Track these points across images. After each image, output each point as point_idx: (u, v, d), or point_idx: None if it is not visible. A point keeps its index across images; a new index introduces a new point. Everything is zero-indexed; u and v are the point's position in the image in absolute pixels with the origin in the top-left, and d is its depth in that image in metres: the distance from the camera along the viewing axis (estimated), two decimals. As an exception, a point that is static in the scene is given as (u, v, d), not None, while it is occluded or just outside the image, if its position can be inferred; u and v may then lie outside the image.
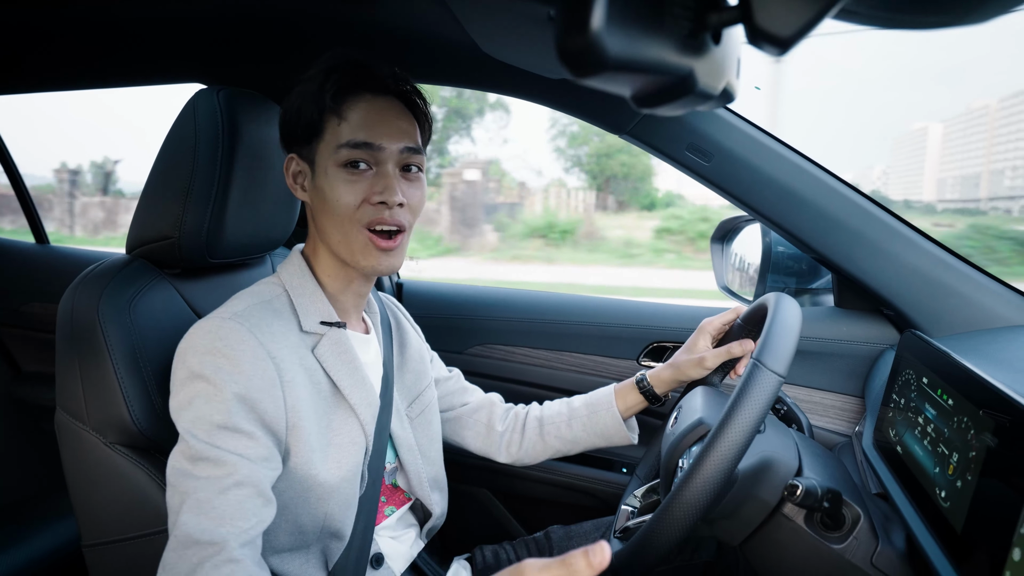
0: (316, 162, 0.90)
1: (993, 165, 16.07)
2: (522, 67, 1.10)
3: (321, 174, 0.89)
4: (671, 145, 1.21)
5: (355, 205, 0.88)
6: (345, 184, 0.88)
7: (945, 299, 1.15)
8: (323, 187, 0.89)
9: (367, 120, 0.88)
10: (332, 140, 0.88)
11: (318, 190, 0.90)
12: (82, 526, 0.96)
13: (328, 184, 0.88)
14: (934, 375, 0.87)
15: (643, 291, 9.30)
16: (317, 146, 0.89)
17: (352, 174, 0.88)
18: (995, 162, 19.24)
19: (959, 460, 0.74)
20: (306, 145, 0.90)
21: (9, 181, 1.96)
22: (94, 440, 0.92)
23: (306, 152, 0.91)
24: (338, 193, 0.88)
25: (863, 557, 0.80)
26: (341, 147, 0.87)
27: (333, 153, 0.88)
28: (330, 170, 0.88)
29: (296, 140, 0.91)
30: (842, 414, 1.29)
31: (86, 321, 0.91)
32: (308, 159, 0.91)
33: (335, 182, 0.88)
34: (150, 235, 0.99)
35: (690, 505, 0.74)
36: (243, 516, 0.76)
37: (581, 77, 0.39)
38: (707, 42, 0.45)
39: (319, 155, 0.90)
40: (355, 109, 0.89)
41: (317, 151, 0.90)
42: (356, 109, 0.89)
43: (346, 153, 0.87)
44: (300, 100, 0.89)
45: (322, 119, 0.88)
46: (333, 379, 0.91)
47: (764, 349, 0.79)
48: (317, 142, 0.89)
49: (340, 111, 0.88)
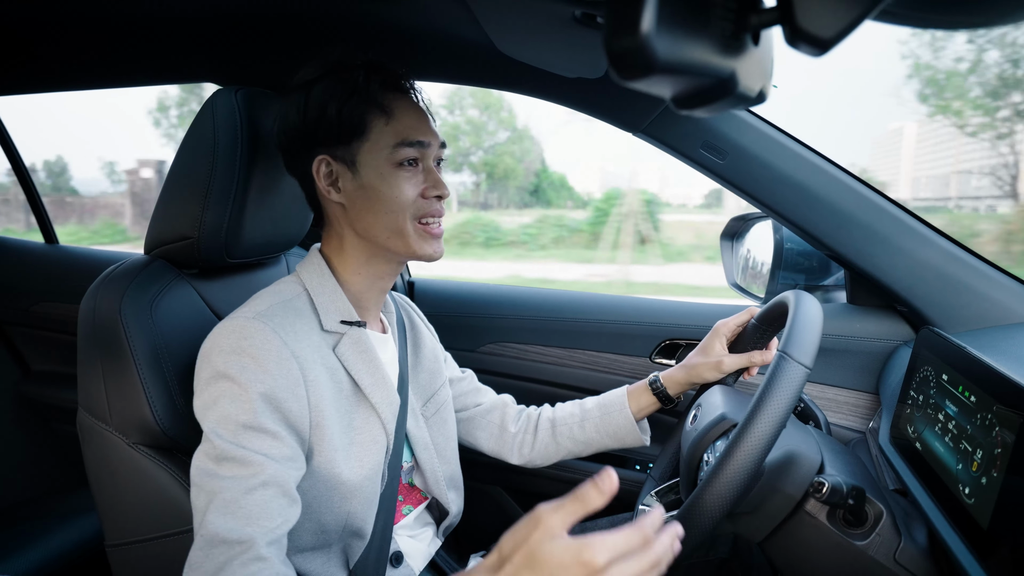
0: (360, 161, 0.90)
1: (961, 165, 16.13)
2: (539, 66, 1.10)
3: (372, 173, 0.90)
4: (686, 143, 1.21)
5: (412, 200, 0.91)
6: (403, 182, 0.90)
7: (959, 295, 1.15)
8: (376, 186, 0.90)
9: (414, 118, 0.91)
10: (382, 139, 0.89)
11: (366, 189, 0.90)
12: (106, 526, 0.97)
13: (385, 183, 0.90)
14: (954, 372, 0.88)
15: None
16: (360, 146, 0.89)
17: (409, 171, 0.91)
18: (963, 162, 19.39)
19: (983, 456, 0.75)
20: (343, 145, 0.90)
21: (19, 182, 1.96)
22: (117, 440, 0.92)
23: (342, 152, 0.90)
24: (398, 190, 0.90)
25: (886, 554, 0.81)
26: (398, 146, 0.89)
27: (389, 152, 0.89)
28: (385, 169, 0.89)
29: (327, 141, 0.90)
30: (856, 410, 1.29)
31: (108, 322, 0.91)
32: (346, 159, 0.90)
33: (393, 180, 0.90)
34: (169, 235, 0.99)
35: (720, 496, 0.74)
36: (269, 516, 0.76)
37: (629, 80, 0.40)
38: (747, 43, 0.46)
39: (365, 154, 0.90)
40: (399, 107, 0.90)
41: (360, 150, 0.90)
42: (400, 107, 0.90)
43: (403, 152, 0.89)
44: (330, 98, 0.88)
45: (366, 118, 0.89)
46: (354, 378, 0.92)
47: (790, 341, 0.79)
48: (360, 142, 0.89)
49: (388, 109, 0.89)
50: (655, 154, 28.16)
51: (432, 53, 1.22)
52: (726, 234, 1.67)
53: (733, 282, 1.65)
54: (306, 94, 0.90)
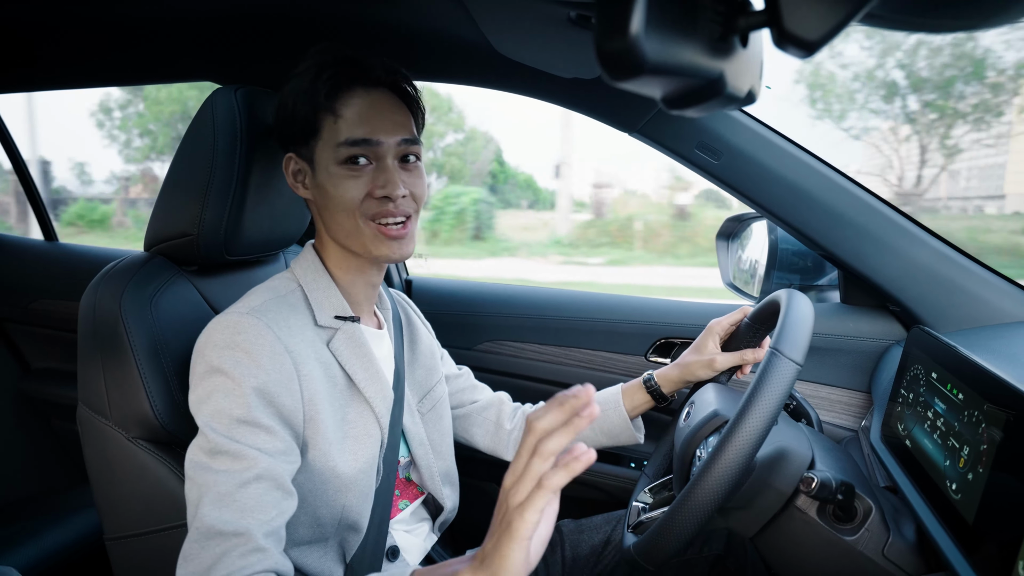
0: (315, 160, 0.91)
1: (951, 166, 16.36)
2: (535, 66, 1.11)
3: (322, 172, 0.90)
4: (681, 143, 1.22)
5: (359, 200, 0.89)
6: (347, 180, 0.89)
7: (951, 295, 1.16)
8: (325, 185, 0.90)
9: (363, 116, 0.89)
10: (330, 138, 0.89)
11: (320, 188, 0.91)
12: (104, 520, 0.98)
13: (331, 182, 0.89)
14: (943, 370, 0.89)
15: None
16: (315, 145, 0.90)
17: (353, 170, 0.89)
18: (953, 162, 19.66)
19: (970, 453, 0.76)
20: (303, 144, 0.91)
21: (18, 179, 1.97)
22: (116, 435, 0.93)
23: (304, 151, 0.91)
24: (341, 190, 0.89)
25: (875, 549, 0.82)
26: (340, 145, 0.88)
27: (333, 151, 0.89)
28: (331, 168, 0.89)
29: (293, 139, 0.92)
30: (848, 409, 1.30)
31: (109, 318, 0.92)
32: (307, 158, 0.92)
33: (337, 180, 0.89)
34: (169, 232, 1.00)
35: (712, 490, 0.75)
36: (263, 509, 0.77)
37: (619, 80, 0.41)
38: (736, 45, 0.47)
39: (318, 154, 0.90)
40: (350, 105, 0.89)
41: (315, 150, 0.90)
42: (351, 105, 0.89)
43: (345, 151, 0.88)
44: (292, 99, 0.89)
45: (317, 118, 0.89)
46: (348, 372, 0.93)
47: (781, 338, 0.81)
48: (315, 141, 0.90)
49: (335, 109, 0.88)
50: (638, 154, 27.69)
51: (429, 53, 1.23)
52: (722, 234, 1.68)
53: (728, 282, 1.66)
54: (281, 94, 0.92)
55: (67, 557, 1.49)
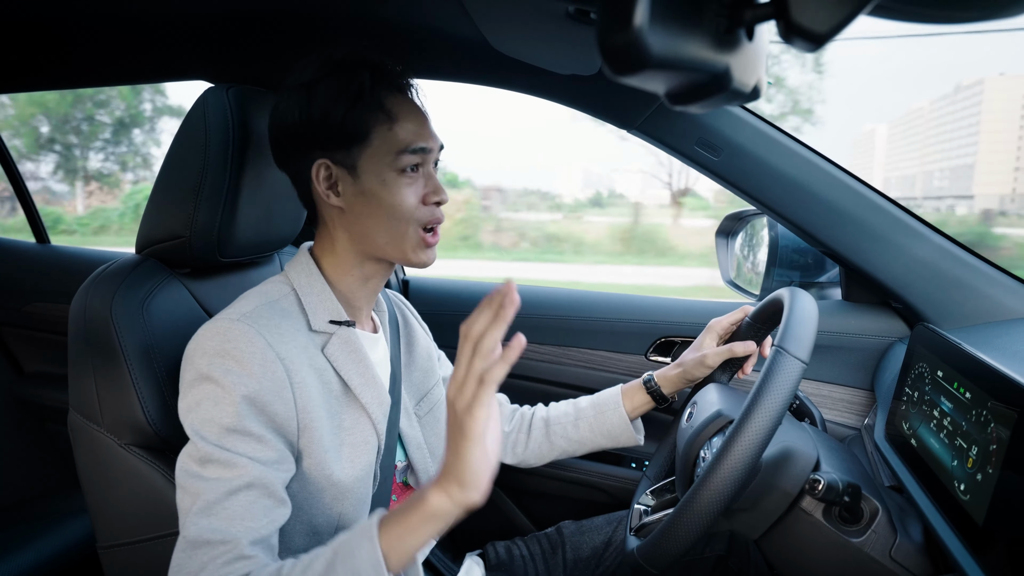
0: (360, 167, 0.87)
1: (926, 167, 16.54)
2: (533, 63, 1.09)
3: (372, 179, 0.87)
4: (681, 140, 1.20)
5: (414, 207, 0.89)
6: (405, 188, 0.88)
7: (954, 291, 1.15)
8: (377, 192, 0.87)
9: (416, 123, 0.89)
10: (385, 145, 0.86)
11: (367, 195, 0.88)
12: (97, 528, 0.96)
13: (387, 190, 0.87)
14: (950, 368, 0.88)
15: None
16: (362, 151, 0.87)
17: (410, 178, 0.89)
18: (927, 163, 19.98)
19: (978, 453, 0.75)
20: (343, 150, 0.87)
21: (8, 181, 1.95)
22: (108, 441, 0.92)
23: (342, 157, 0.87)
24: (400, 198, 0.88)
25: (881, 551, 0.81)
26: (402, 153, 0.87)
27: (392, 158, 0.87)
28: (388, 176, 0.87)
29: (327, 145, 0.87)
30: (851, 407, 1.29)
31: (100, 321, 0.90)
32: (346, 164, 0.87)
33: (396, 187, 0.87)
34: (160, 234, 0.98)
35: (717, 492, 0.74)
36: (253, 517, 0.76)
37: (622, 75, 0.39)
38: (741, 39, 0.45)
39: (365, 160, 0.87)
40: (401, 112, 0.88)
41: (362, 156, 0.87)
42: (402, 112, 0.88)
43: (407, 158, 0.87)
44: (333, 102, 0.85)
45: (367, 123, 0.86)
46: (344, 378, 0.91)
47: (786, 336, 0.79)
48: (361, 147, 0.87)
49: (391, 114, 0.87)
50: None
51: (426, 51, 1.21)
52: (721, 232, 1.66)
53: (728, 280, 1.65)
54: (308, 94, 0.86)
55: (59, 565, 1.47)
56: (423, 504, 0.69)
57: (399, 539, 0.70)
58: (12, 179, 1.94)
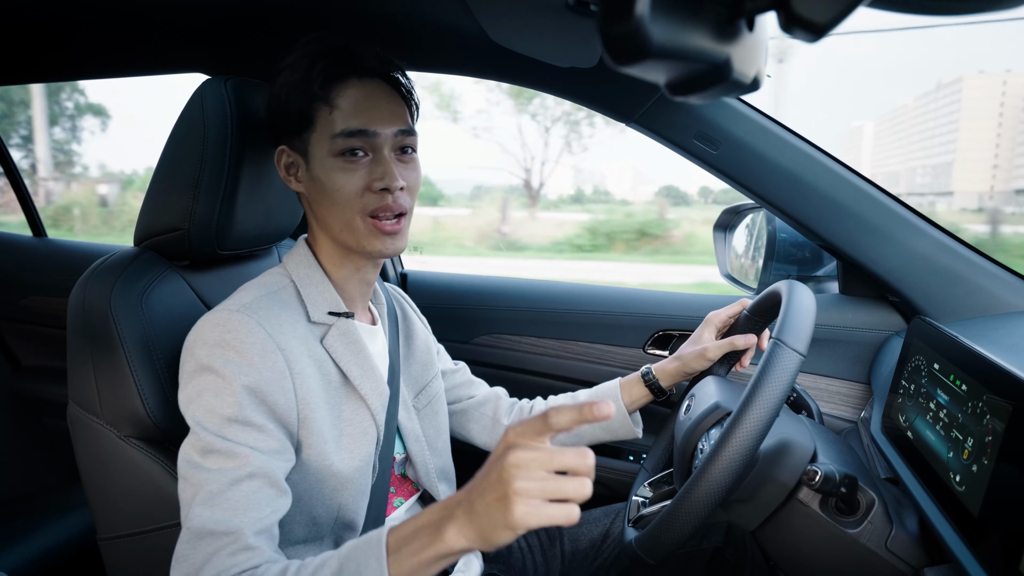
0: (309, 153, 0.89)
1: (908, 163, 16.59)
2: (531, 56, 1.09)
3: (317, 165, 0.88)
4: (679, 134, 1.20)
5: (356, 193, 0.87)
6: (343, 173, 0.87)
7: (951, 286, 1.16)
8: (320, 177, 0.88)
9: (359, 106, 0.87)
10: (325, 130, 0.87)
11: (315, 181, 0.89)
12: (97, 520, 0.96)
13: (326, 174, 0.87)
14: (946, 361, 0.88)
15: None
16: (309, 136, 0.88)
17: (349, 162, 0.87)
18: (911, 160, 20.11)
19: (974, 445, 0.75)
20: (296, 136, 0.89)
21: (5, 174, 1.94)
22: (108, 434, 0.92)
23: (297, 143, 0.90)
24: (337, 183, 0.87)
25: (878, 541, 0.81)
26: (336, 136, 0.86)
27: (328, 143, 0.87)
28: (326, 160, 0.87)
29: (285, 131, 0.90)
30: (848, 400, 1.30)
31: (99, 314, 0.90)
32: (300, 150, 0.90)
33: (332, 172, 0.87)
34: (159, 227, 0.98)
35: (715, 483, 0.74)
36: (256, 507, 0.76)
37: (623, 65, 0.39)
38: (742, 29, 0.45)
39: (312, 145, 0.88)
40: (345, 96, 0.87)
41: (309, 142, 0.88)
42: (346, 96, 0.87)
43: (341, 142, 0.86)
44: (285, 90, 0.87)
45: (312, 109, 0.87)
46: (343, 369, 0.91)
47: (783, 328, 0.80)
48: (308, 132, 0.88)
49: (330, 99, 0.86)
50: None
51: (423, 43, 1.21)
52: (719, 225, 1.67)
53: (726, 273, 1.65)
54: (274, 83, 0.90)
55: (60, 558, 1.47)
56: (440, 542, 0.64)
57: (410, 572, 0.66)
58: (8, 172, 1.94)
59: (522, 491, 0.60)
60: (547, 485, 0.60)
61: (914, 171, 25.02)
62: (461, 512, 0.64)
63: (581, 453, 0.62)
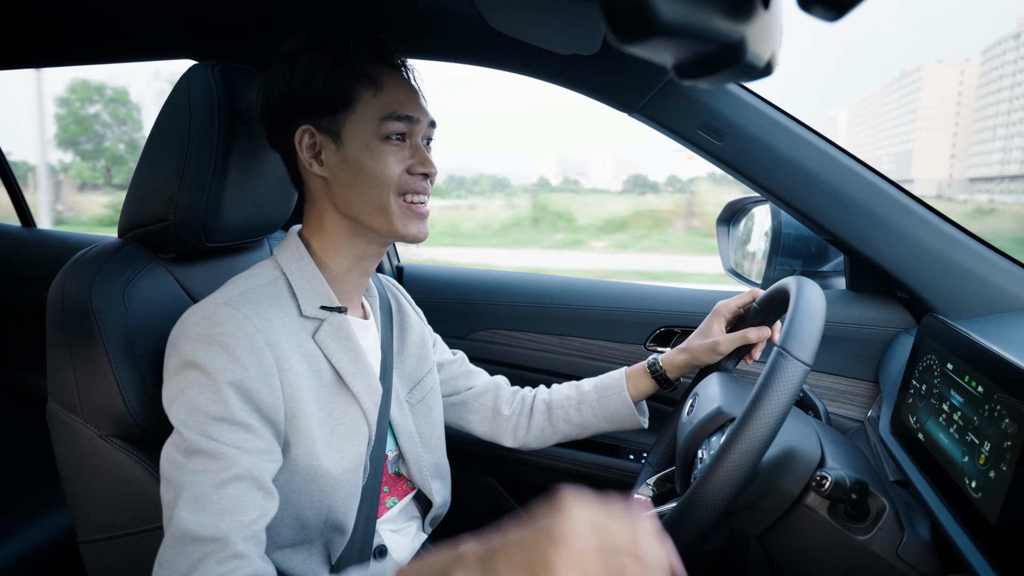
0: (345, 134, 0.87)
1: (876, 152, 16.32)
2: (531, 42, 1.05)
3: (356, 146, 0.86)
4: (683, 124, 1.17)
5: (398, 176, 0.88)
6: (391, 155, 0.87)
7: (962, 281, 1.12)
8: (361, 159, 0.86)
9: (404, 92, 0.89)
10: (370, 111, 0.86)
11: (350, 162, 0.87)
12: (77, 522, 0.93)
13: (370, 156, 0.86)
14: (960, 361, 0.85)
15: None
16: (345, 117, 0.86)
17: (396, 145, 0.88)
18: (878, 149, 19.80)
19: (991, 449, 0.72)
20: (328, 116, 0.86)
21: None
22: (88, 432, 0.89)
23: (327, 123, 0.87)
24: (383, 164, 0.86)
25: (888, 549, 0.78)
26: (385, 119, 0.86)
27: (376, 125, 0.86)
28: (371, 142, 0.86)
29: (311, 111, 0.87)
30: (855, 399, 1.26)
31: (79, 308, 0.87)
32: (330, 131, 0.87)
33: (380, 154, 0.86)
34: (143, 218, 0.94)
35: (712, 500, 0.71)
36: (243, 511, 0.73)
37: (629, 43, 0.36)
38: (757, 6, 0.42)
39: (350, 126, 0.86)
40: (387, 80, 0.87)
41: (346, 122, 0.86)
42: (388, 80, 0.87)
43: (390, 125, 0.86)
44: (316, 68, 0.85)
45: (353, 89, 0.86)
46: (335, 366, 0.88)
47: (789, 336, 0.76)
48: (346, 113, 0.86)
49: (377, 81, 0.86)
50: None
51: (420, 29, 1.17)
52: (722, 219, 1.63)
53: (729, 267, 1.61)
54: (292, 63, 0.87)
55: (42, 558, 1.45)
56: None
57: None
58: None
59: (574, 556, 0.47)
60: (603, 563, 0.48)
61: (880, 160, 24.75)
62: (475, 564, 0.52)
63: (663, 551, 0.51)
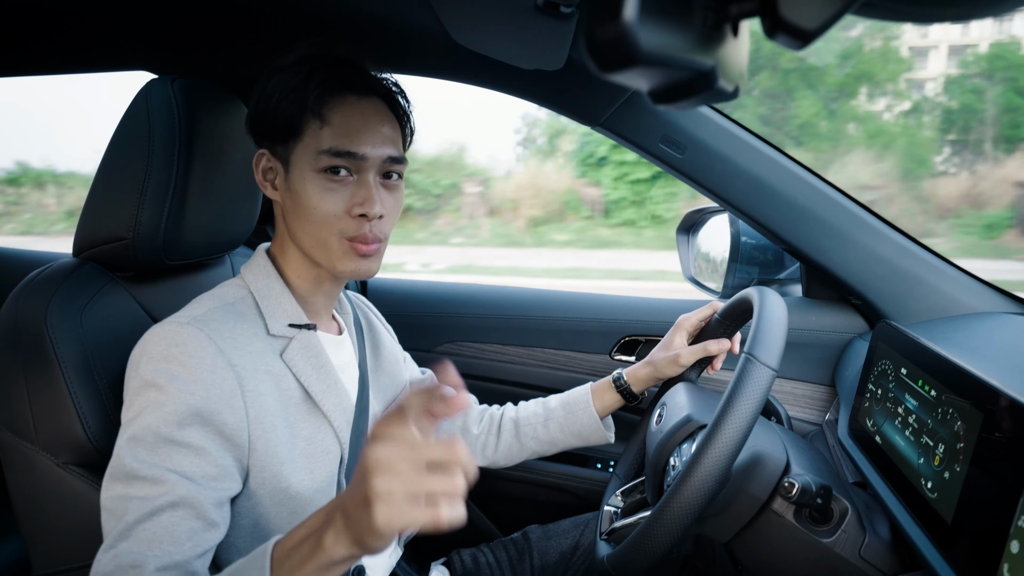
0: (292, 163, 0.84)
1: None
2: (496, 57, 1.06)
3: (297, 177, 0.84)
4: (645, 137, 1.19)
5: (334, 215, 0.83)
6: (324, 192, 0.83)
7: (911, 288, 1.17)
8: (299, 191, 0.84)
9: (351, 126, 0.83)
10: (312, 144, 0.83)
11: (293, 192, 0.85)
12: (33, 555, 0.89)
13: (305, 190, 0.83)
14: (914, 366, 0.88)
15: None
16: (294, 146, 0.84)
17: (332, 181, 0.83)
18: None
19: (945, 451, 0.75)
20: (281, 143, 0.85)
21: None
22: (44, 461, 0.85)
23: (280, 150, 0.85)
24: (316, 201, 0.83)
25: (851, 550, 0.81)
26: (322, 153, 0.82)
27: (313, 158, 0.83)
28: (308, 175, 0.83)
29: (269, 136, 0.85)
30: (812, 403, 1.31)
31: (33, 331, 0.83)
32: (282, 157, 0.85)
33: (313, 189, 0.83)
34: (101, 236, 0.91)
35: (688, 504, 0.72)
36: (173, 540, 0.69)
37: (609, 72, 0.37)
38: (727, 35, 0.43)
39: (296, 156, 0.84)
40: (338, 112, 0.83)
41: (294, 151, 0.84)
42: (339, 112, 0.83)
43: (327, 160, 0.82)
44: (277, 94, 0.83)
45: (302, 120, 0.83)
46: (304, 384, 0.86)
47: (756, 343, 0.78)
48: (294, 142, 0.84)
49: (322, 114, 0.82)
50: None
51: (382, 42, 1.16)
52: (682, 228, 1.67)
53: (690, 276, 1.65)
54: (265, 83, 0.85)
55: None
56: (320, 551, 0.59)
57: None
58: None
59: (382, 492, 0.53)
60: (410, 484, 0.53)
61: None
62: (338, 516, 0.58)
63: (449, 443, 0.55)
